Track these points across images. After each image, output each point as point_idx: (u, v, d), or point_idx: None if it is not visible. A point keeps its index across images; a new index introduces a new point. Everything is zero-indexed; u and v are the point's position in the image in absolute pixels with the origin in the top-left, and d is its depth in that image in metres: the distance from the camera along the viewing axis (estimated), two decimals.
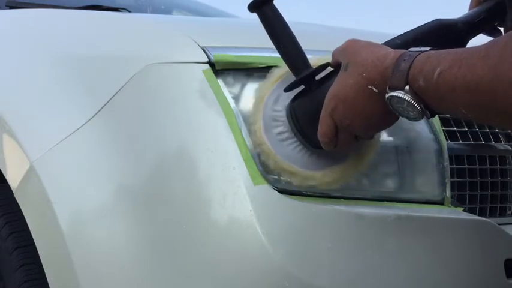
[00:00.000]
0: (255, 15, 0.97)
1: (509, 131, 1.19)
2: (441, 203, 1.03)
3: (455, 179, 1.08)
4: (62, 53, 1.18)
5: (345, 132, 0.90)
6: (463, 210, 1.03)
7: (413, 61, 0.79)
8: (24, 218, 1.07)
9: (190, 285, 0.92)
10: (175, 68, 1.01)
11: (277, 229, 0.91)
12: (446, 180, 1.04)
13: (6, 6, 1.79)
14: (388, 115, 0.86)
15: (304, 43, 0.97)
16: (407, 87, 0.79)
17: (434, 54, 0.79)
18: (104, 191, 0.99)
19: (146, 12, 2.20)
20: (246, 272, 0.91)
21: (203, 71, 0.99)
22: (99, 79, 1.08)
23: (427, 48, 0.82)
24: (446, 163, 1.05)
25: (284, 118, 0.97)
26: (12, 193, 1.10)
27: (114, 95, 1.02)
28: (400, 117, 0.85)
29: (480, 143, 1.14)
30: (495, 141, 1.17)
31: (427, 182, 1.02)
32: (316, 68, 0.95)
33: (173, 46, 1.06)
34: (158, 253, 0.94)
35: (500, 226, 1.02)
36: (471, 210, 1.06)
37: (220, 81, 0.99)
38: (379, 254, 0.94)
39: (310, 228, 0.92)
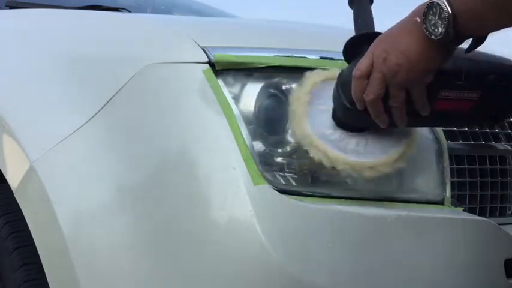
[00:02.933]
0: (254, 16, 0.97)
1: (510, 131, 1.19)
2: (441, 203, 1.03)
3: (455, 179, 1.08)
4: (62, 53, 1.18)
5: (394, 85, 0.88)
6: (463, 210, 1.03)
7: None
8: (24, 218, 1.07)
9: (190, 285, 0.93)
10: (175, 68, 1.01)
11: (277, 229, 0.91)
12: (446, 180, 1.04)
13: (6, 6, 1.79)
14: (428, 52, 0.85)
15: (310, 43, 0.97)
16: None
17: None
18: (104, 191, 0.99)
19: (146, 12, 2.20)
20: (245, 272, 0.91)
21: (203, 71, 0.99)
22: (99, 79, 1.08)
23: None
24: (446, 163, 1.05)
25: (329, 111, 0.97)
26: (12, 193, 1.10)
27: (114, 95, 1.02)
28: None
29: (480, 143, 1.14)
30: (495, 141, 1.17)
31: (427, 182, 1.02)
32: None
33: (173, 46, 1.06)
34: (158, 253, 0.94)
35: (500, 226, 1.02)
36: (471, 210, 1.06)
37: (220, 81, 0.99)
38: (379, 254, 0.94)
39: (310, 228, 0.92)
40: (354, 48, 0.94)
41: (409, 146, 0.98)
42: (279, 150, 0.99)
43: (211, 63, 0.99)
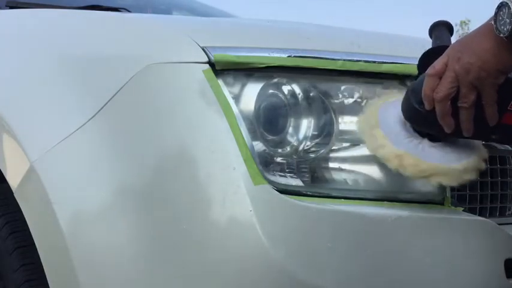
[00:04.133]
0: (254, 15, 0.97)
1: None
2: (441, 203, 1.03)
3: None
4: (62, 53, 1.18)
5: (466, 84, 0.90)
6: (463, 210, 1.03)
7: None
8: (24, 218, 1.07)
9: (190, 285, 0.92)
10: (175, 68, 1.01)
11: (277, 229, 0.91)
12: None
13: (6, 6, 1.79)
14: (499, 51, 0.88)
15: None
16: None
17: None
18: (104, 191, 0.99)
19: (146, 12, 2.20)
20: (246, 272, 0.91)
21: (203, 71, 0.99)
22: (99, 79, 1.08)
23: None
24: None
25: (401, 119, 0.99)
26: (12, 193, 1.10)
27: (114, 95, 1.02)
28: None
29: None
30: None
31: (427, 182, 1.02)
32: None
33: (173, 46, 1.06)
34: (158, 253, 0.94)
35: (500, 226, 1.02)
36: (471, 210, 1.06)
37: (220, 81, 0.99)
38: (379, 254, 0.94)
39: (310, 228, 0.92)
40: (427, 61, 0.97)
41: (479, 159, 0.99)
42: (279, 150, 0.99)
43: (211, 63, 0.99)
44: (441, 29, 1.05)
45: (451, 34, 1.05)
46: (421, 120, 0.97)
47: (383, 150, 0.98)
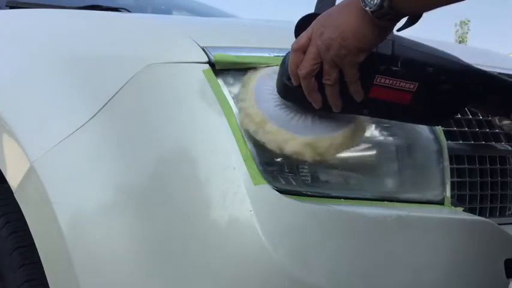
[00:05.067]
0: (254, 15, 0.97)
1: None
2: (441, 203, 1.03)
3: (455, 179, 1.08)
4: (62, 53, 1.18)
5: (327, 61, 0.87)
6: (463, 210, 1.03)
7: None
8: (24, 218, 1.07)
9: (190, 285, 0.92)
10: (175, 68, 1.01)
11: (277, 229, 0.91)
12: (446, 180, 1.04)
13: (6, 6, 1.79)
14: (362, 27, 0.84)
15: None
16: None
17: None
18: (104, 191, 0.99)
19: (146, 12, 2.20)
20: (245, 272, 0.91)
21: (203, 71, 0.99)
22: (99, 79, 1.08)
23: None
24: (446, 163, 1.05)
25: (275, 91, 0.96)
26: (12, 193, 1.10)
27: (114, 95, 1.02)
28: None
29: (480, 143, 1.14)
30: (495, 141, 1.17)
31: (427, 182, 1.02)
32: None
33: (173, 46, 1.06)
34: (158, 253, 0.94)
35: (500, 226, 1.02)
36: (471, 210, 1.06)
37: (220, 81, 0.99)
38: (379, 254, 0.94)
39: (310, 228, 0.92)
40: (304, 28, 0.92)
41: (346, 135, 0.95)
42: None
43: (211, 63, 0.99)
44: None
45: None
46: (291, 96, 0.94)
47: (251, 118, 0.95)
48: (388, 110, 0.94)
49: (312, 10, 0.95)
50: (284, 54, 0.95)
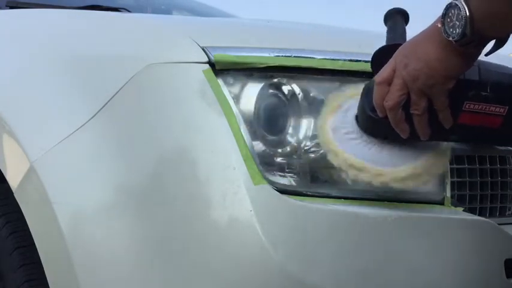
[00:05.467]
0: (254, 15, 0.97)
1: None
2: (441, 203, 1.03)
3: (455, 179, 1.08)
4: (62, 53, 1.18)
5: (415, 91, 0.87)
6: (463, 210, 1.03)
7: None
8: (24, 218, 1.07)
9: (189, 285, 0.92)
10: (175, 68, 1.01)
11: (277, 229, 0.91)
12: (446, 180, 1.04)
13: (6, 6, 1.79)
14: (447, 56, 0.84)
15: (304, 43, 0.97)
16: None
17: None
18: (104, 191, 0.99)
19: (146, 12, 2.20)
20: (245, 272, 0.91)
21: (203, 71, 0.99)
22: (99, 79, 1.08)
23: None
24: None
25: (352, 121, 0.97)
26: (12, 193, 1.10)
27: (114, 95, 1.02)
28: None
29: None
30: None
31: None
32: None
33: (173, 46, 1.06)
34: (158, 253, 0.94)
35: (500, 226, 1.02)
36: (471, 210, 1.06)
37: (220, 81, 0.99)
38: (379, 254, 0.94)
39: (310, 228, 0.92)
40: (380, 59, 0.94)
41: (428, 165, 0.96)
42: (279, 150, 0.99)
43: (211, 63, 0.99)
44: (396, 18, 1.01)
45: (407, 23, 1.01)
46: (375, 127, 0.95)
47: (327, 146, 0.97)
48: (476, 134, 0.94)
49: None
50: (284, 55, 0.95)
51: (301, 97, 1.02)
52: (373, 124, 0.95)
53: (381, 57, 0.94)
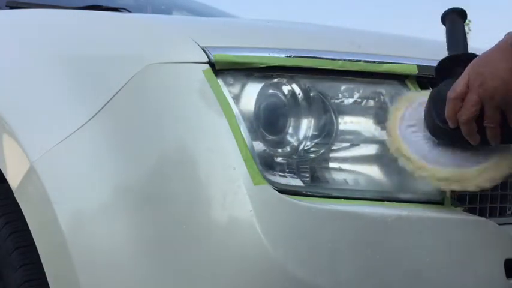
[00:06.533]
0: (254, 15, 0.97)
1: None
2: (441, 203, 1.03)
3: None
4: (62, 53, 1.18)
5: (491, 107, 0.90)
6: (463, 210, 1.03)
7: None
8: (24, 218, 1.07)
9: (190, 285, 0.92)
10: (175, 68, 1.01)
11: (277, 229, 0.91)
12: None
13: (6, 6, 1.79)
14: None
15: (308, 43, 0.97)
16: None
17: None
18: (104, 191, 0.99)
19: (146, 12, 2.20)
20: (246, 272, 0.91)
21: (203, 71, 0.99)
22: (99, 79, 1.08)
23: None
24: None
25: (421, 121, 1.00)
26: (13, 193, 1.11)
27: (114, 95, 1.02)
28: None
29: None
30: None
31: (427, 182, 1.02)
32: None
33: (173, 46, 1.06)
34: (158, 253, 0.94)
35: (500, 226, 1.02)
36: (471, 210, 1.06)
37: (220, 81, 0.99)
38: (379, 254, 0.94)
39: (310, 228, 0.92)
40: (447, 68, 0.97)
41: (498, 166, 0.99)
42: (279, 150, 0.99)
43: (211, 63, 0.99)
44: (453, 18, 1.03)
45: (464, 20, 1.03)
46: (446, 136, 0.98)
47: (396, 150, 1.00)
48: None
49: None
50: (284, 55, 0.95)
51: (301, 97, 1.02)
52: (443, 134, 0.98)
53: (446, 64, 0.97)
